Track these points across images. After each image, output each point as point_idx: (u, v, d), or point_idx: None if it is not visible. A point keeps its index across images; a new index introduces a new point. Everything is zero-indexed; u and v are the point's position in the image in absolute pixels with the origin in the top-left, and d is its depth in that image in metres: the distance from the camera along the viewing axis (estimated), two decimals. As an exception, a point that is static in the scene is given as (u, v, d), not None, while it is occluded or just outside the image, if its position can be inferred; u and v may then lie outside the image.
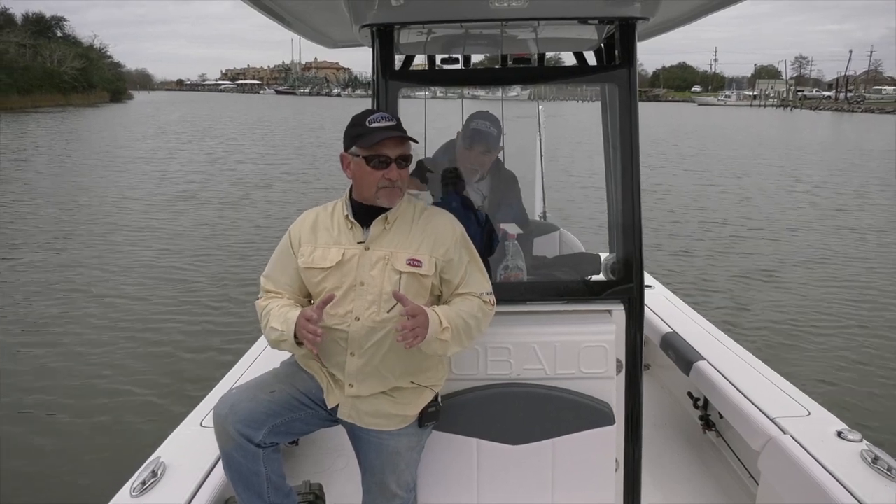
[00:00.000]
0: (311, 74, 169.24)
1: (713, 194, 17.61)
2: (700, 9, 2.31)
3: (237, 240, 11.64)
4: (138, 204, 15.16)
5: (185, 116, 54.37)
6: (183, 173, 20.50)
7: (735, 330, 6.92)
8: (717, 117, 66.76)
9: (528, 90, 3.58)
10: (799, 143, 37.07)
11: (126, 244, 11.17)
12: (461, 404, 2.31)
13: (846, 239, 12.43)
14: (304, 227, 2.08)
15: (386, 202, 1.99)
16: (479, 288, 2.06)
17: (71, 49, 78.52)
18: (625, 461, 2.46)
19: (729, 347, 3.46)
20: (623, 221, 2.35)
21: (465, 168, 2.92)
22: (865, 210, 15.70)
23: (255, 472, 1.97)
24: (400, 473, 2.11)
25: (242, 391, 2.03)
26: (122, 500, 2.17)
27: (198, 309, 7.92)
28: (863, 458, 2.33)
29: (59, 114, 54.82)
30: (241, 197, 16.20)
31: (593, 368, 2.34)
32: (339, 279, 1.97)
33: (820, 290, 9.17)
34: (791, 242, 12.15)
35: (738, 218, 14.27)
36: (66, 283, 8.92)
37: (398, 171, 1.97)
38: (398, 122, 2.02)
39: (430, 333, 1.87)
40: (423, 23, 2.35)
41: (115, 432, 5.04)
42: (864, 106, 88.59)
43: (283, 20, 2.40)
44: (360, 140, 1.97)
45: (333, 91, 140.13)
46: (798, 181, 20.59)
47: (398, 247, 1.99)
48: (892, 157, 27.25)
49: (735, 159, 26.61)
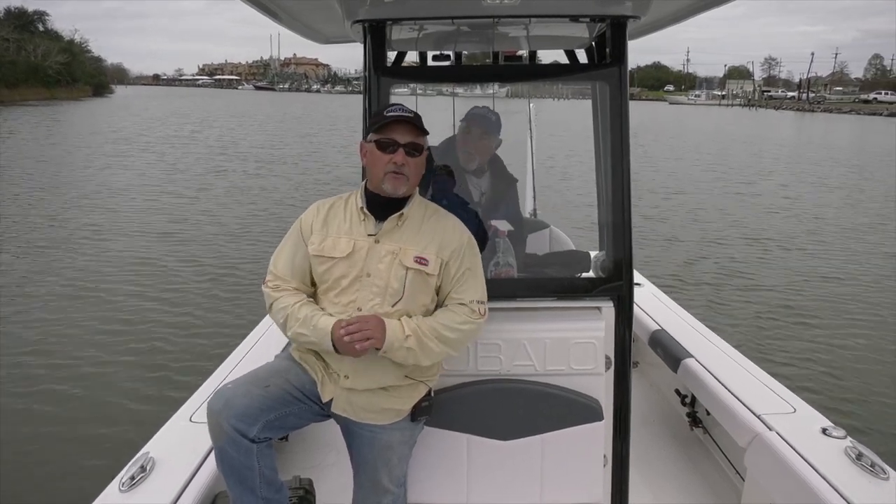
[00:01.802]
0: (290, 70, 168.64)
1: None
2: (690, 8, 2.32)
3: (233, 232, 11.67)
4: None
5: (179, 110, 54.68)
6: (205, 160, 21.68)
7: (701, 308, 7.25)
8: (677, 114, 69.77)
9: (507, 87, 3.59)
10: (737, 134, 42.55)
11: (126, 240, 11.11)
12: (451, 400, 2.32)
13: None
14: (317, 216, 2.11)
15: (390, 188, 2.01)
16: (470, 296, 2.07)
17: (54, 44, 78.33)
18: (613, 457, 2.48)
19: (716, 345, 3.49)
20: (613, 219, 2.37)
21: (464, 154, 2.94)
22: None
23: (248, 466, 1.97)
24: (392, 468, 2.13)
25: (236, 386, 2.03)
26: (111, 495, 2.16)
27: (187, 302, 7.89)
28: (847, 455, 2.36)
29: (51, 107, 54.89)
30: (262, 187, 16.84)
31: (582, 365, 2.36)
32: (346, 268, 2.00)
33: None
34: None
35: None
36: (60, 277, 8.85)
37: (405, 158, 1.99)
38: (416, 115, 2.06)
39: (389, 341, 1.91)
40: (415, 19, 2.35)
41: (104, 427, 5.01)
42: (823, 106, 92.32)
43: (275, 16, 2.39)
44: (374, 126, 2.03)
45: (313, 87, 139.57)
46: (713, 167, 23.29)
47: (408, 243, 2.02)
48: (814, 148, 32.31)
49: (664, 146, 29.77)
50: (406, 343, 1.94)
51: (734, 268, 10.11)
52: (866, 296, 8.78)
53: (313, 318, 1.96)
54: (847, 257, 10.93)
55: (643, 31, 2.77)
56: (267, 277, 2.12)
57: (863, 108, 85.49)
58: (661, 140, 34.27)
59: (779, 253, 11.19)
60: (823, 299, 8.65)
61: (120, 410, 5.29)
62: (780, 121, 65.08)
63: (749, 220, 13.85)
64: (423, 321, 1.99)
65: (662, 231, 12.49)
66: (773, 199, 16.72)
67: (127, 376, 5.92)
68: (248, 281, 8.67)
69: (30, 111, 48.18)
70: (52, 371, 6.02)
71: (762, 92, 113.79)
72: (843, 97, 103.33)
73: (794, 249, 11.47)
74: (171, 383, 5.69)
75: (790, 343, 7.07)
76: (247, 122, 41.47)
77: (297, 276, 2.09)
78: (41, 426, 5.05)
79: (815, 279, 9.61)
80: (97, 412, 5.27)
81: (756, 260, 10.67)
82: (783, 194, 17.66)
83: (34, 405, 5.38)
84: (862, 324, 7.73)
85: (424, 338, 1.96)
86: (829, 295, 8.84)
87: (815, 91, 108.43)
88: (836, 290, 9.03)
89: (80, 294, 8.18)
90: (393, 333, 1.92)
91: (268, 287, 2.10)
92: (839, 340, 7.18)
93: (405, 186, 2.03)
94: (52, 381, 5.83)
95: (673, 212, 14.47)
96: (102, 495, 2.17)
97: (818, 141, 39.95)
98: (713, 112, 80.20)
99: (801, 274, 9.87)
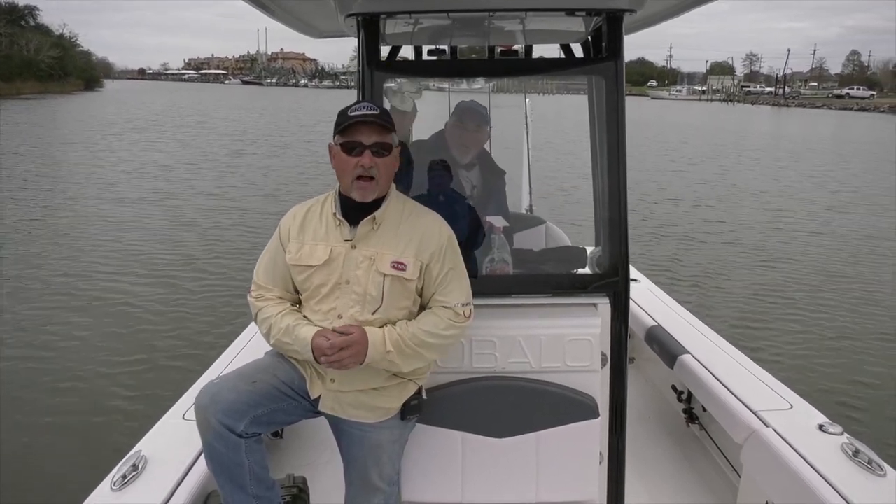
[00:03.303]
0: (277, 65, 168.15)
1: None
2: (686, 1, 2.30)
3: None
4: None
5: (177, 102, 55.47)
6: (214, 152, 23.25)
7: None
8: (655, 108, 70.61)
9: (491, 83, 3.59)
10: (706, 126, 44.83)
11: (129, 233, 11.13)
12: (446, 397, 2.30)
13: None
14: (294, 222, 2.07)
15: (358, 195, 1.97)
16: (455, 299, 2.03)
17: (46, 38, 78.87)
18: (609, 454, 2.47)
19: (713, 341, 3.48)
20: (609, 215, 2.35)
21: (457, 146, 2.93)
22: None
23: (237, 462, 1.95)
24: (382, 466, 2.11)
25: (224, 381, 2.01)
26: (103, 494, 2.14)
27: (180, 300, 7.86)
28: (843, 451, 2.35)
29: (48, 100, 55.35)
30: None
31: (578, 362, 2.35)
32: (325, 276, 1.97)
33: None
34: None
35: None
36: (56, 273, 8.82)
37: (373, 159, 1.94)
38: (383, 111, 2.00)
39: (372, 355, 1.90)
40: (409, 13, 2.32)
41: (95, 426, 5.00)
42: (798, 101, 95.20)
43: (268, 9, 2.36)
44: (339, 128, 1.97)
45: (301, 82, 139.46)
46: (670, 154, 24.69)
47: (384, 247, 1.98)
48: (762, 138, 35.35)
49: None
50: (388, 357, 1.92)
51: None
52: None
53: (295, 328, 1.94)
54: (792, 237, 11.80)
55: (639, 26, 2.75)
56: (251, 287, 2.10)
57: (835, 103, 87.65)
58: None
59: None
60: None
61: (111, 408, 5.27)
62: (753, 115, 67.44)
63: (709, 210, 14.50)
64: (405, 329, 1.96)
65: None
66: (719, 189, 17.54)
67: (118, 373, 5.89)
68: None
69: (31, 105, 48.67)
70: (44, 368, 6.00)
71: (742, 87, 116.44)
72: (818, 93, 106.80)
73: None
74: (163, 381, 5.64)
75: (782, 336, 7.12)
76: (248, 113, 43.39)
77: (280, 285, 2.07)
78: (32, 424, 5.02)
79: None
80: (88, 410, 5.25)
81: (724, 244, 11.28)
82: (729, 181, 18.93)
83: (25, 403, 5.36)
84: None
85: (407, 349, 1.94)
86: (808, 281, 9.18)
87: (791, 87, 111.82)
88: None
89: (72, 292, 8.14)
90: (374, 349, 1.90)
91: (252, 297, 2.08)
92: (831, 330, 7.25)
93: (375, 192, 1.98)
94: (43, 378, 5.80)
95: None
96: (93, 494, 2.15)
97: (770, 131, 43.60)
98: (692, 106, 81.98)
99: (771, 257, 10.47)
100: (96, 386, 5.67)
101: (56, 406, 5.31)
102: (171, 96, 70.82)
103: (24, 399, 5.41)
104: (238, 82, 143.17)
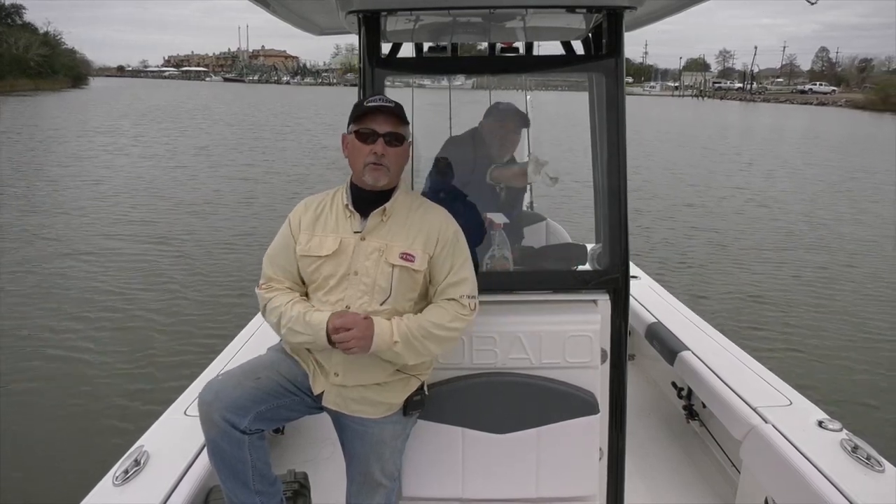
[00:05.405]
0: (259, 62, 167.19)
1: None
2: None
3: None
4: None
5: (174, 98, 55.77)
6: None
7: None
8: (628, 105, 73.37)
9: (473, 79, 3.61)
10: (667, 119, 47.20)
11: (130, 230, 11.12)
12: (447, 393, 2.31)
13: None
14: (305, 213, 2.09)
15: (370, 180, 1.99)
16: (461, 291, 2.04)
17: (34, 36, 79.63)
18: (609, 450, 2.48)
19: (713, 338, 3.49)
20: (609, 211, 2.36)
21: (498, 144, 3.00)
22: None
23: (240, 459, 1.96)
24: (384, 462, 2.12)
25: (227, 378, 2.02)
26: (105, 489, 2.15)
27: (181, 295, 7.86)
28: (843, 447, 2.36)
29: (41, 97, 55.28)
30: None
31: (578, 358, 2.35)
32: (334, 267, 1.99)
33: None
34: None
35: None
36: (53, 269, 8.83)
37: (385, 147, 1.97)
38: (398, 105, 2.02)
39: (378, 344, 1.90)
40: (410, 10, 2.32)
41: (97, 421, 5.00)
42: (763, 96, 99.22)
43: (268, 6, 2.36)
44: (354, 116, 2.01)
45: (283, 79, 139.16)
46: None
47: (393, 239, 2.00)
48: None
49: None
50: (394, 348, 1.93)
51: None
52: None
53: (306, 314, 1.94)
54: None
55: (640, 23, 2.75)
56: (260, 280, 2.11)
57: (798, 98, 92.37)
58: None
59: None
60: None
61: (113, 404, 5.27)
62: (718, 109, 69.78)
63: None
64: (412, 321, 1.97)
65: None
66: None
67: (120, 369, 5.90)
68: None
69: (26, 101, 48.76)
70: (44, 364, 6.00)
71: (714, 83, 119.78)
72: (783, 88, 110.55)
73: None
74: (166, 377, 5.66)
75: (780, 334, 7.12)
76: (245, 107, 44.53)
77: (289, 276, 2.07)
78: (33, 419, 5.03)
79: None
80: (90, 405, 5.25)
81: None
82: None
83: (26, 399, 5.36)
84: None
85: (414, 340, 1.95)
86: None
87: (759, 83, 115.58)
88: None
89: (71, 285, 8.15)
90: (381, 338, 1.91)
91: (260, 289, 2.08)
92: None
93: (386, 178, 2.00)
94: (43, 374, 5.81)
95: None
96: (96, 489, 2.16)
97: (718, 122, 46.67)
98: (662, 102, 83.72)
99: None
100: (98, 380, 5.67)
101: (57, 401, 5.31)
102: (161, 93, 70.49)
103: (26, 394, 5.42)
104: (219, 79, 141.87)
